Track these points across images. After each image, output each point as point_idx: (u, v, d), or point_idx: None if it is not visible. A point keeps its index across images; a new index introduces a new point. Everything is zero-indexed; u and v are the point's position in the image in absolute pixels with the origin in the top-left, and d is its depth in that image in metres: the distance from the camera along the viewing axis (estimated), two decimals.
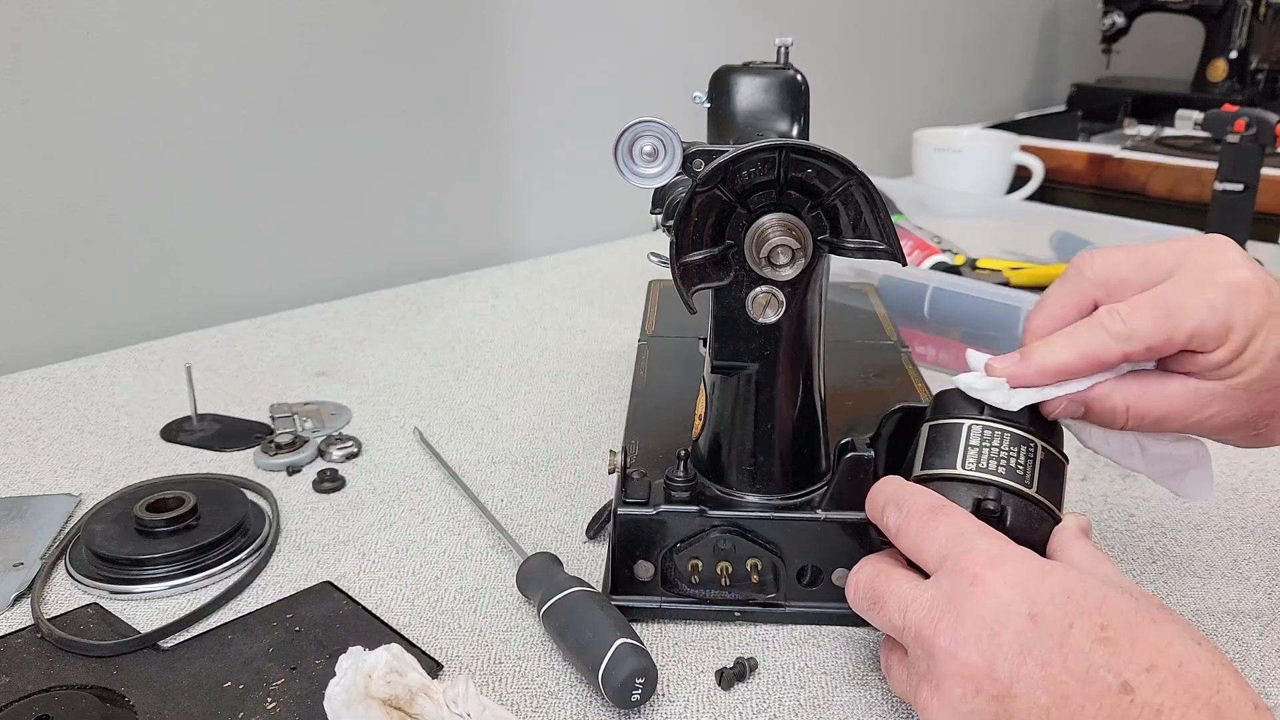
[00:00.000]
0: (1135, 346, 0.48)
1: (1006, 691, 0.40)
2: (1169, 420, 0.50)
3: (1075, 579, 0.42)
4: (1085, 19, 2.13)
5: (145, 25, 0.92)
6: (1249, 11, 1.83)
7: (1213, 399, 0.49)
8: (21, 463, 0.73)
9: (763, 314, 0.52)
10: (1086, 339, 0.49)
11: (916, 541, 0.46)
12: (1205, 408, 0.49)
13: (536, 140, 1.25)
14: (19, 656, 0.52)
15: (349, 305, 1.07)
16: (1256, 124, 1.14)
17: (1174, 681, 0.38)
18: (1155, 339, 0.48)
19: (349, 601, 0.57)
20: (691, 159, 0.51)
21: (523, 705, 0.50)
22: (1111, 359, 0.49)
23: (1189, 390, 0.49)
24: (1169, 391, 0.49)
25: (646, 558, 0.55)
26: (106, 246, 0.95)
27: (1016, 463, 0.48)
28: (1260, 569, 0.62)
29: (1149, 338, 0.48)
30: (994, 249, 1.14)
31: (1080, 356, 0.49)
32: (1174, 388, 0.49)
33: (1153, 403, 0.49)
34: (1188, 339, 0.47)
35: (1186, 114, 1.28)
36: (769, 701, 0.50)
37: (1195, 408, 0.49)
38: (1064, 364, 0.49)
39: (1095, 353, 0.49)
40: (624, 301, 1.09)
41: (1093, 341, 0.49)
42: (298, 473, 0.72)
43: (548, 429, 0.80)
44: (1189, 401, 0.49)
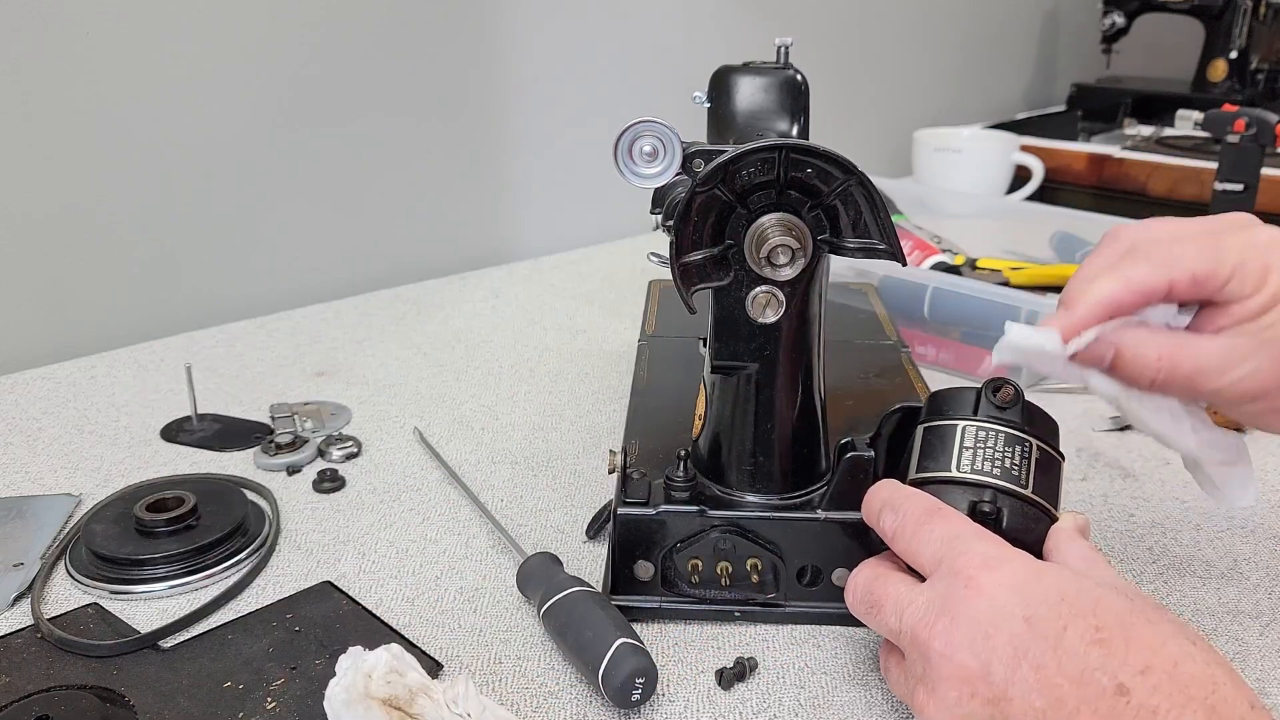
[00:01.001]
0: (1181, 273, 0.47)
1: (1002, 694, 0.40)
2: (1200, 378, 0.48)
3: (1070, 580, 0.42)
4: (1085, 19, 2.13)
5: (145, 25, 0.92)
6: (1249, 11, 1.83)
7: (1245, 356, 0.48)
8: (21, 463, 0.73)
9: (763, 314, 0.52)
10: (1131, 268, 0.48)
11: (912, 545, 0.46)
12: (1238, 365, 0.48)
13: (536, 140, 1.25)
14: (19, 656, 0.52)
15: (349, 305, 1.07)
16: (1256, 124, 1.14)
17: (1169, 682, 0.37)
18: (1201, 268, 0.47)
19: (349, 601, 0.57)
20: (691, 159, 0.51)
21: (523, 705, 0.50)
22: (1158, 287, 0.47)
23: (1222, 346, 0.48)
24: (1201, 345, 0.48)
25: (646, 558, 0.55)
26: (106, 246, 0.95)
27: (1011, 463, 0.48)
28: (1260, 569, 0.62)
29: (1195, 265, 0.47)
30: (994, 249, 1.14)
31: (1126, 285, 0.48)
32: (1206, 342, 0.48)
33: (1186, 355, 0.48)
34: (1230, 273, 0.47)
35: (1186, 114, 1.28)
36: (769, 701, 0.50)
37: (1228, 364, 0.48)
38: (1112, 294, 0.48)
39: (1143, 280, 0.47)
40: (624, 301, 1.09)
41: (1138, 270, 0.48)
42: (298, 473, 0.72)
43: (548, 429, 0.80)
44: (1222, 357, 0.48)
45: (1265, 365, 0.48)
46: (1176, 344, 0.49)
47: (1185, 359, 0.48)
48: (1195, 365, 0.48)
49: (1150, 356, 0.49)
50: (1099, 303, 0.48)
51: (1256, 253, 0.47)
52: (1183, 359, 0.48)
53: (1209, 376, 0.48)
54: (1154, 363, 0.49)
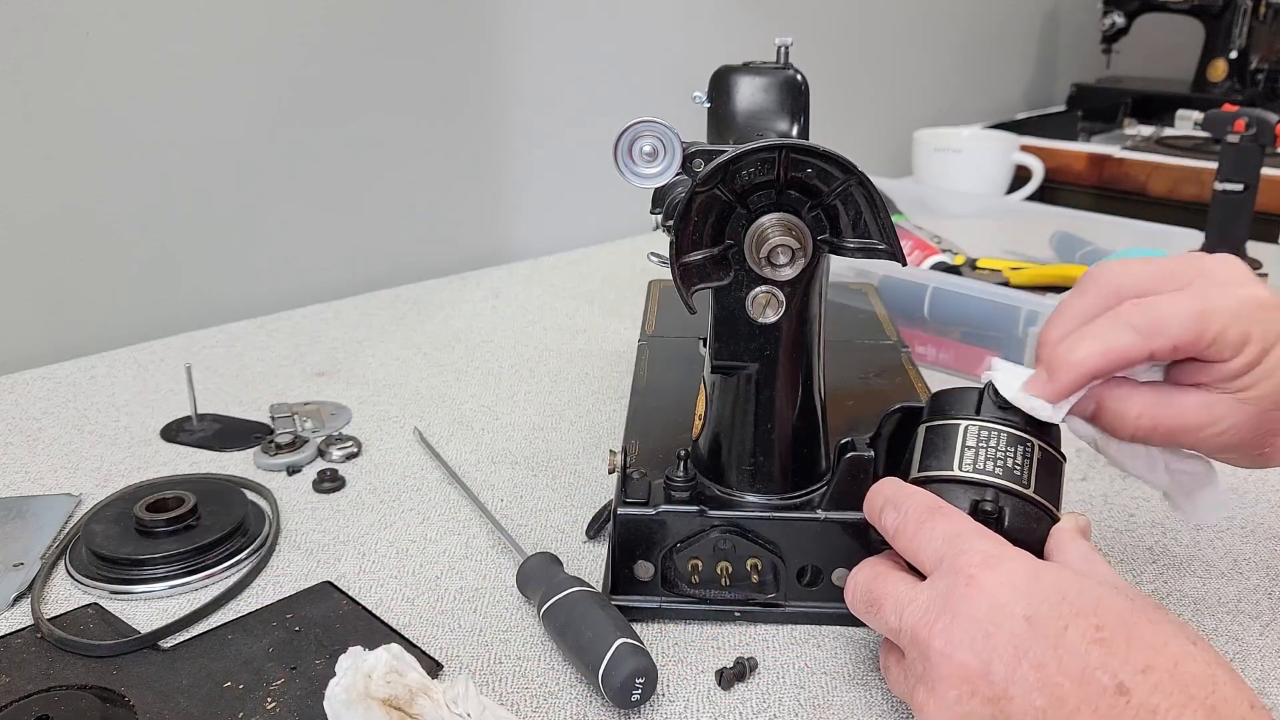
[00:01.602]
0: (1163, 344, 0.47)
1: (1002, 693, 0.40)
2: (1181, 433, 0.49)
3: (1071, 580, 0.42)
4: (1085, 19, 2.13)
5: (145, 25, 0.92)
6: (1249, 11, 1.83)
7: (1225, 413, 0.48)
8: (21, 463, 0.73)
9: (763, 314, 0.52)
10: (1112, 337, 0.48)
11: (913, 543, 0.46)
12: (1217, 421, 0.49)
13: (536, 140, 1.25)
14: (19, 656, 0.52)
15: (349, 305, 1.07)
16: (1256, 124, 1.14)
17: (1170, 682, 0.37)
18: (1184, 336, 0.47)
19: (349, 601, 0.57)
20: (691, 159, 0.51)
21: (523, 705, 0.50)
22: (1138, 356, 0.47)
23: (1202, 402, 0.49)
24: (1183, 402, 0.49)
25: (646, 558, 0.55)
26: (106, 246, 0.95)
27: (1014, 463, 0.48)
28: (1260, 569, 0.62)
29: (1179, 335, 0.47)
30: (994, 249, 1.14)
31: (1106, 355, 0.48)
32: (1188, 399, 0.49)
33: (1167, 412, 0.49)
34: (1213, 339, 0.47)
35: (1186, 114, 1.28)
36: (769, 701, 0.50)
37: (1208, 420, 0.49)
38: (1094, 367, 0.48)
39: (1123, 350, 0.47)
40: (624, 301, 1.09)
41: (1120, 338, 0.47)
42: (298, 473, 0.72)
43: (548, 429, 0.80)
44: (1202, 414, 0.49)
45: (1242, 421, 0.48)
46: (1157, 401, 0.49)
47: (1166, 417, 0.49)
48: (1177, 421, 0.49)
49: (1131, 413, 0.49)
50: (1082, 374, 0.48)
51: (1237, 319, 0.47)
52: (1163, 416, 0.49)
53: (1190, 432, 0.49)
54: (1134, 420, 0.49)
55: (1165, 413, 0.49)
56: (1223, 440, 0.49)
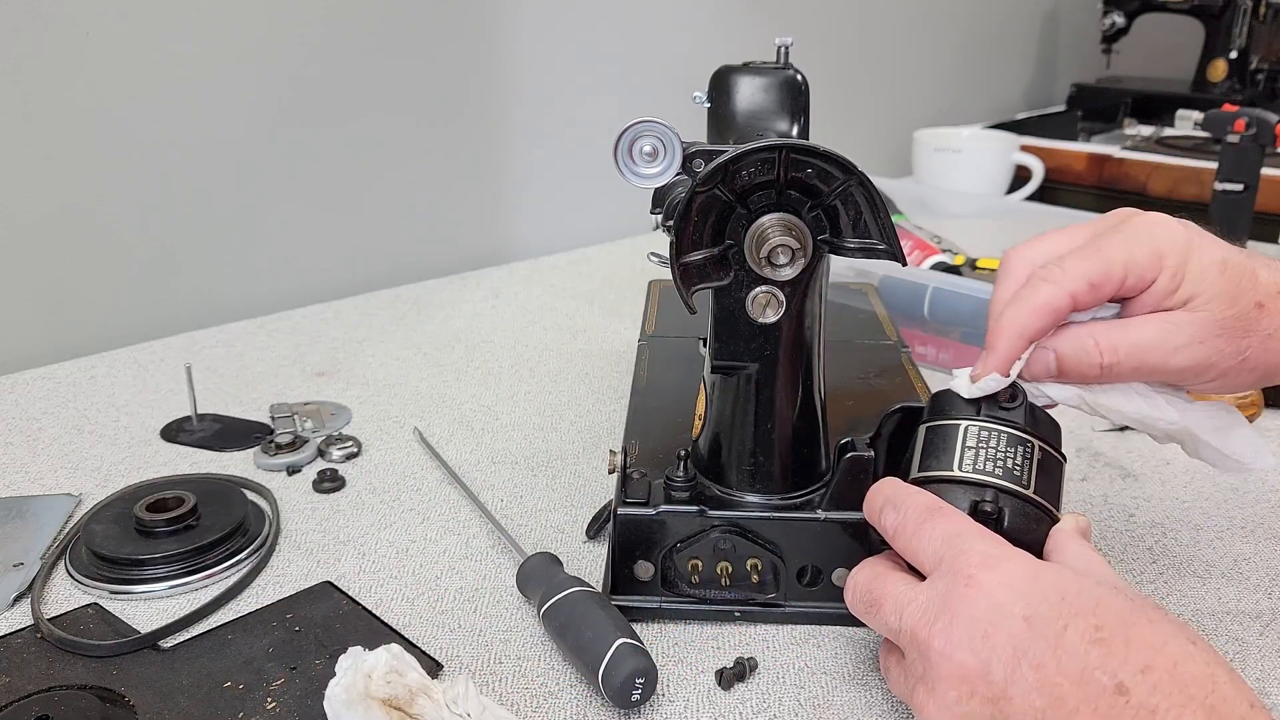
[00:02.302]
0: (1078, 284, 0.48)
1: (1001, 693, 0.40)
2: (1145, 352, 0.49)
3: (1070, 580, 0.42)
4: (1085, 19, 2.13)
5: (145, 25, 0.92)
6: (1249, 11, 1.83)
7: (1180, 324, 0.48)
8: (21, 463, 0.73)
9: (763, 314, 0.52)
10: (1031, 295, 0.49)
11: (913, 543, 0.46)
12: (1175, 333, 0.48)
13: (536, 140, 1.25)
14: (19, 656, 0.52)
15: (349, 305, 1.07)
16: (1256, 124, 1.14)
17: (1169, 682, 0.37)
18: (1094, 274, 0.48)
19: (349, 601, 0.57)
20: (691, 159, 0.51)
21: (523, 705, 0.50)
22: (1061, 303, 0.49)
23: (1156, 320, 0.49)
24: (1136, 324, 0.49)
25: (646, 558, 0.55)
26: (106, 246, 0.95)
27: (1013, 463, 0.48)
28: (1260, 569, 0.62)
29: (1088, 273, 0.48)
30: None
31: (1032, 311, 0.49)
32: (1141, 321, 0.49)
33: (1122, 334, 0.49)
34: (1124, 270, 0.48)
35: (1186, 114, 1.28)
36: (769, 701, 0.50)
37: (1166, 333, 0.49)
38: (1022, 324, 0.49)
39: (1044, 301, 0.49)
40: (624, 301, 1.09)
41: (1038, 293, 0.49)
42: (298, 473, 0.72)
43: (548, 429, 0.80)
44: (1158, 329, 0.49)
45: (1202, 330, 0.48)
46: (1110, 327, 0.50)
47: (1122, 336, 0.49)
48: (1134, 342, 0.49)
49: (1088, 345, 0.49)
50: (1015, 335, 0.49)
51: (1140, 242, 0.48)
52: (1120, 339, 0.49)
53: (1153, 352, 0.49)
54: (1093, 349, 0.49)
55: (1121, 335, 0.49)
56: (1190, 354, 0.49)
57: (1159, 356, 0.49)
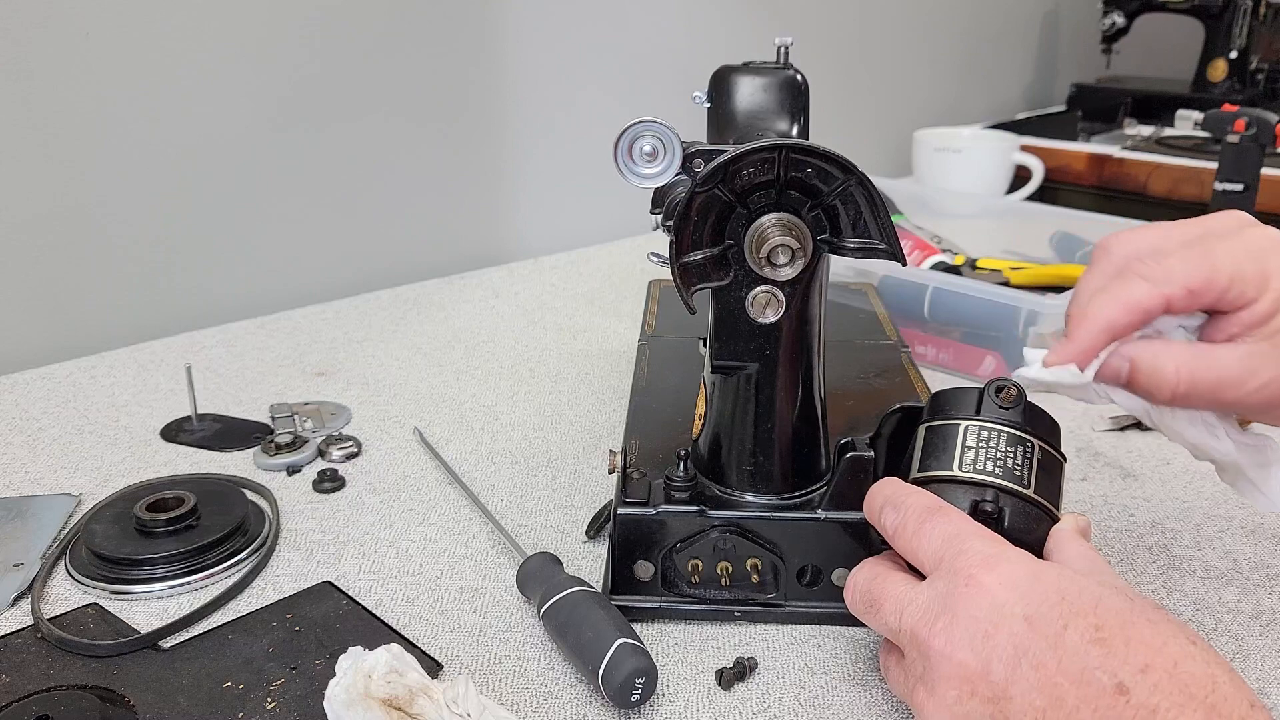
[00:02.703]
0: (1176, 288, 0.46)
1: (1002, 693, 0.40)
2: (1222, 390, 0.47)
3: (1070, 580, 0.42)
4: (1085, 19, 2.13)
5: (145, 25, 0.92)
6: (1249, 11, 1.83)
7: (1264, 362, 0.47)
8: (21, 463, 0.73)
9: (763, 314, 0.52)
10: (1124, 290, 0.47)
11: (913, 543, 0.46)
12: (1258, 372, 0.47)
13: (536, 140, 1.25)
14: (19, 656, 0.52)
15: (348, 305, 1.07)
16: (1256, 124, 1.14)
17: (1169, 682, 0.37)
18: (1195, 280, 0.46)
19: (349, 601, 0.57)
20: (691, 159, 0.51)
21: (523, 705, 0.50)
22: (1154, 304, 0.47)
23: (1240, 354, 0.47)
24: (1219, 356, 0.47)
25: (646, 558, 0.55)
26: (107, 246, 0.95)
27: (1014, 463, 0.48)
28: (1260, 569, 0.62)
29: (1189, 279, 0.46)
30: (994, 249, 1.14)
31: (1123, 307, 0.47)
32: (1224, 352, 0.47)
33: (1203, 367, 0.47)
34: (1228, 282, 0.46)
35: (1186, 114, 1.28)
36: (769, 701, 0.50)
37: (1248, 372, 0.47)
38: (1109, 319, 0.47)
39: (1138, 300, 0.47)
40: (624, 301, 1.09)
41: (1131, 290, 0.47)
42: (298, 473, 0.72)
43: (548, 429, 0.80)
44: (1241, 366, 0.47)
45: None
46: (1194, 355, 0.48)
47: (1204, 370, 0.47)
48: (1215, 376, 0.47)
49: (1168, 370, 0.48)
50: (1099, 329, 0.48)
51: (1251, 258, 0.46)
52: (1201, 371, 0.47)
53: (1231, 387, 0.47)
54: (1171, 376, 0.48)
55: (1202, 365, 0.47)
56: (1268, 393, 0.47)
57: (1236, 393, 0.48)
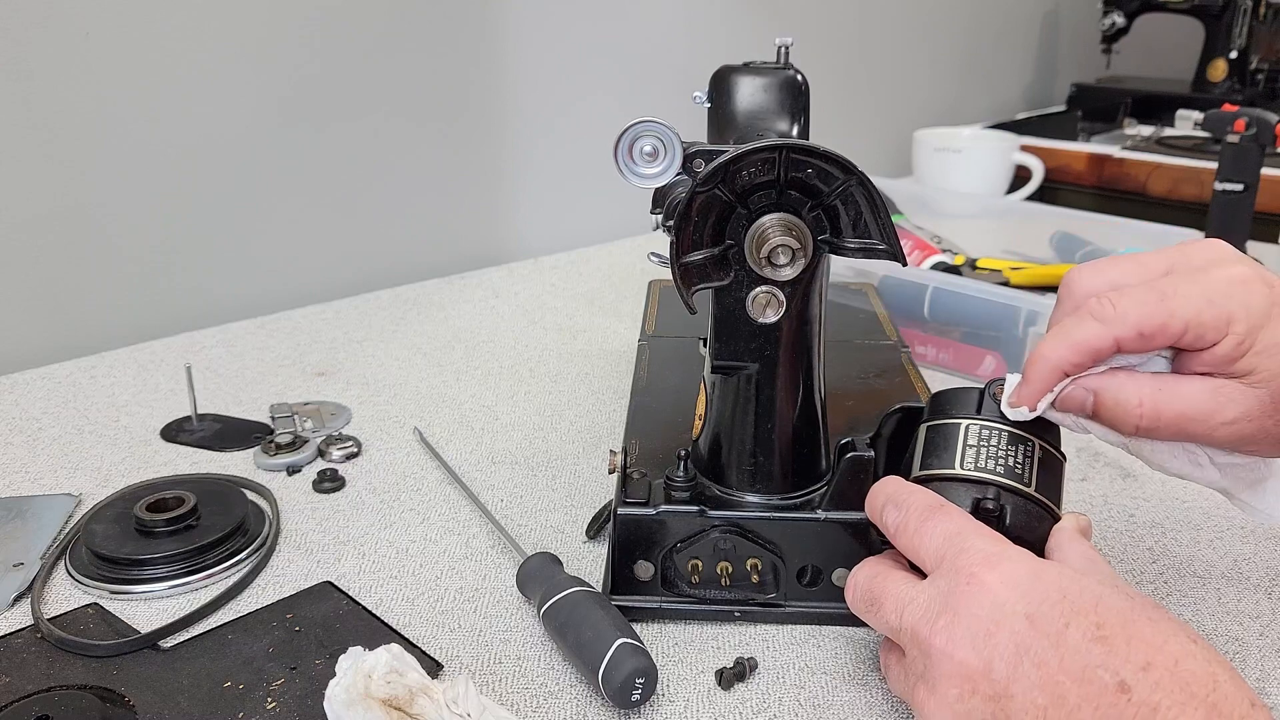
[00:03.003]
0: (1126, 330, 0.45)
1: (1003, 691, 0.40)
2: (1189, 422, 0.46)
3: (1071, 578, 0.42)
4: (1085, 19, 2.13)
5: (145, 25, 0.92)
6: (1249, 11, 1.83)
7: (1233, 398, 0.46)
8: (21, 463, 0.73)
9: (763, 314, 0.52)
10: (1075, 330, 0.47)
11: (914, 541, 0.46)
12: (1226, 407, 0.46)
13: (536, 140, 1.25)
14: (19, 656, 0.52)
15: (348, 305, 1.07)
16: (1256, 124, 1.14)
17: (1170, 680, 0.37)
18: (1148, 324, 0.45)
19: (349, 601, 0.57)
20: (691, 159, 0.51)
21: (523, 705, 0.50)
22: (1104, 345, 0.46)
23: (1207, 389, 0.46)
24: (1186, 389, 0.46)
25: (646, 558, 0.55)
26: (107, 246, 0.95)
27: (1015, 462, 0.48)
28: (1260, 569, 0.62)
29: (1141, 322, 0.45)
30: (994, 249, 1.14)
31: (1072, 347, 0.47)
32: (1191, 385, 0.46)
33: (1169, 399, 0.46)
34: (1184, 327, 0.45)
35: (1186, 114, 1.28)
36: (769, 701, 0.50)
37: (1215, 407, 0.46)
38: (1059, 359, 0.47)
39: (1086, 340, 0.46)
40: (624, 301, 1.09)
41: (1081, 329, 0.46)
42: (298, 473, 0.72)
43: (548, 429, 0.80)
44: (1208, 400, 0.46)
45: (1254, 407, 0.46)
46: (1159, 388, 0.47)
47: (1169, 404, 0.46)
48: (1179, 410, 0.46)
49: (1131, 402, 0.47)
50: (1049, 370, 0.47)
51: (1211, 301, 0.45)
52: (1165, 404, 0.46)
53: (1197, 421, 0.46)
54: (1135, 409, 0.47)
55: (1167, 399, 0.46)
56: (1236, 430, 0.46)
57: (1203, 430, 0.46)
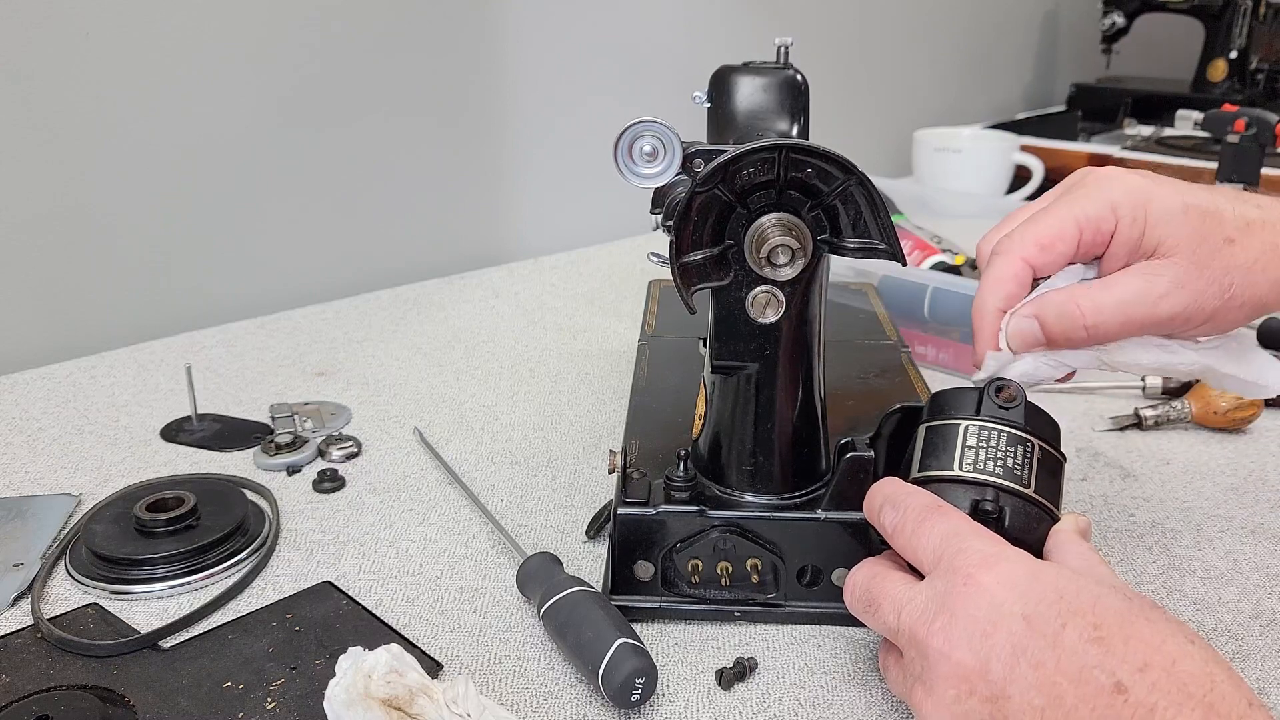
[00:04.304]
0: (1026, 249, 0.49)
1: (1000, 692, 0.40)
2: (1129, 305, 0.48)
3: (1068, 579, 0.42)
4: (1085, 19, 2.13)
5: (145, 25, 0.92)
6: (1249, 11, 1.83)
7: (1156, 271, 0.48)
8: (21, 463, 0.73)
9: (763, 314, 0.52)
10: (987, 272, 0.51)
11: (912, 542, 0.46)
12: (1154, 282, 0.48)
13: (536, 140, 1.25)
14: (19, 656, 0.52)
15: (349, 305, 1.07)
16: (1256, 124, 1.14)
17: (1167, 680, 0.38)
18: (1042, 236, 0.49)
19: (349, 601, 0.57)
20: (691, 159, 0.51)
21: (523, 705, 0.50)
22: (1017, 270, 0.50)
23: (1133, 272, 0.49)
24: (1114, 280, 0.49)
25: (646, 558, 0.55)
26: (107, 246, 0.95)
27: (1014, 463, 0.48)
28: (1260, 569, 0.62)
29: (1036, 237, 0.49)
30: None
31: (992, 286, 0.50)
32: (1119, 276, 0.49)
33: (1102, 291, 0.49)
34: (1076, 226, 0.49)
35: (1186, 114, 1.28)
36: (769, 701, 0.50)
37: (1146, 284, 0.48)
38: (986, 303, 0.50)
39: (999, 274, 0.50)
40: (624, 301, 1.09)
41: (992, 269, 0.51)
42: (298, 473, 0.72)
43: (548, 429, 0.80)
44: (1139, 284, 0.48)
45: (1182, 276, 0.48)
46: (1091, 287, 0.49)
47: (1105, 296, 0.49)
48: (1118, 298, 0.48)
49: (1069, 307, 0.49)
50: (986, 312, 0.51)
51: (1090, 199, 0.49)
52: (1103, 297, 0.49)
53: (1137, 305, 0.48)
54: (1076, 312, 0.49)
55: (1105, 294, 0.49)
56: (1174, 302, 0.48)
57: (1144, 308, 0.49)
